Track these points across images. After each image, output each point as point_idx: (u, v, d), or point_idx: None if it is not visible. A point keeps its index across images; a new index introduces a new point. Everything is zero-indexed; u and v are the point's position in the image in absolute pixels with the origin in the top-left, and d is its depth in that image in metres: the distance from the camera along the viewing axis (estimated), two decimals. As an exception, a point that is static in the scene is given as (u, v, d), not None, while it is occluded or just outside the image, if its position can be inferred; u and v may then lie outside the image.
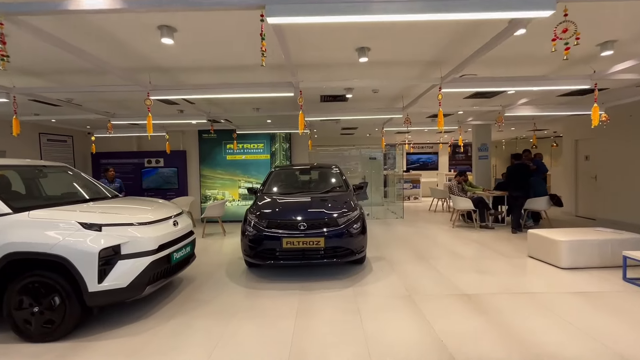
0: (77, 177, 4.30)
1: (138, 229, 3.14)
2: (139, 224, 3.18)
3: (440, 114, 3.62)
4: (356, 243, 4.19)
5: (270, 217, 4.12)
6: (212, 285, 4.08)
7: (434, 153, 15.56)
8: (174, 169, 8.79)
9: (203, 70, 3.53)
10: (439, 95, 3.53)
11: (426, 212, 10.02)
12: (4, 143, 6.76)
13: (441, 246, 5.77)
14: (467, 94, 5.31)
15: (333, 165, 5.80)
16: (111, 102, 5.29)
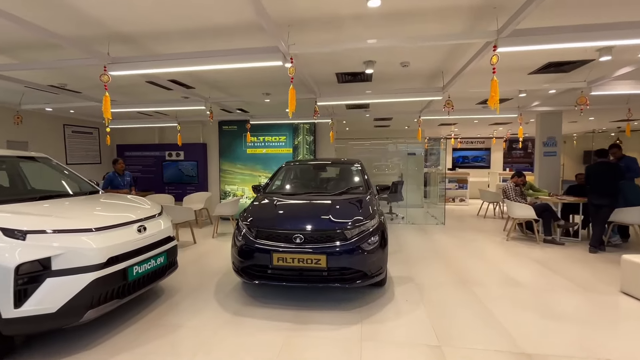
0: (56, 170, 3.86)
1: (79, 237, 2.48)
2: (82, 231, 2.52)
3: (495, 87, 2.44)
4: (371, 263, 3.18)
5: (260, 226, 3.28)
6: (191, 303, 3.36)
7: (486, 149, 13.63)
8: (193, 163, 8.39)
9: (172, 38, 2.77)
10: (493, 57, 2.36)
11: (473, 218, 8.53)
12: (28, 134, 6.79)
13: (491, 266, 4.49)
14: (534, 66, 3.93)
15: (355, 162, 4.80)
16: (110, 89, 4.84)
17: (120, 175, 5.80)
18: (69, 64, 2.89)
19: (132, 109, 4.76)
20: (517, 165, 13.34)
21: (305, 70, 4.06)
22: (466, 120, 8.40)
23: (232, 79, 4.31)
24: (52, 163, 3.85)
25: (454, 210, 9.95)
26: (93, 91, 4.95)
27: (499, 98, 2.43)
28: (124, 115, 7.35)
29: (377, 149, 10.17)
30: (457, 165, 13.34)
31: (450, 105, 4.05)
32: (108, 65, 2.81)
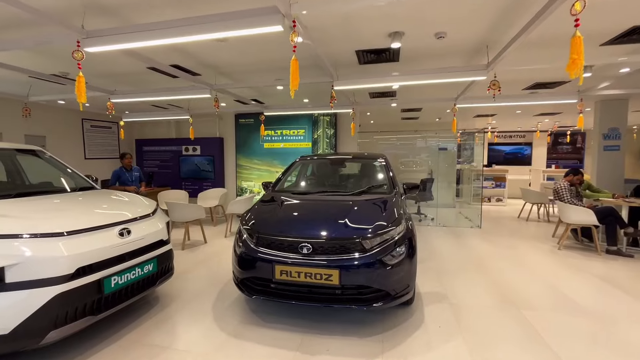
0: (50, 164, 3.56)
1: (41, 243, 2.08)
2: (47, 236, 2.12)
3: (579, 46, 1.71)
4: (396, 280, 2.58)
5: (261, 231, 2.76)
6: (185, 317, 2.93)
7: (527, 144, 12.35)
8: (209, 158, 8.09)
9: (155, 4, 2.31)
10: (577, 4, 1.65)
11: (514, 221, 7.57)
12: (46, 129, 6.75)
13: (542, 282, 3.71)
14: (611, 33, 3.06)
15: (379, 156, 4.17)
16: (111, 78, 4.53)
17: (128, 170, 5.45)
18: (40, 41, 2.52)
19: (134, 98, 4.44)
20: (563, 162, 11.97)
21: (320, 50, 3.48)
22: (509, 109, 7.41)
23: (238, 62, 3.82)
24: (45, 156, 3.56)
25: (489, 211, 8.99)
26: (98, 80, 4.68)
27: (583, 62, 1.74)
28: (137, 107, 7.15)
29: (405, 144, 9.38)
30: (494, 162, 12.19)
31: (497, 86, 3.31)
32: (82, 40, 2.40)
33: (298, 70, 2.05)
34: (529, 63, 3.39)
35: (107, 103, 4.50)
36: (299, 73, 4.24)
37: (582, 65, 1.76)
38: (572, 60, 1.79)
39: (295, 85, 2.05)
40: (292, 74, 2.02)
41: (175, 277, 3.92)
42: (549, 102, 4.70)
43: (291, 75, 2.03)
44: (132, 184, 5.29)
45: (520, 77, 4.66)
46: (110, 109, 4.49)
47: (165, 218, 3.25)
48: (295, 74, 2.03)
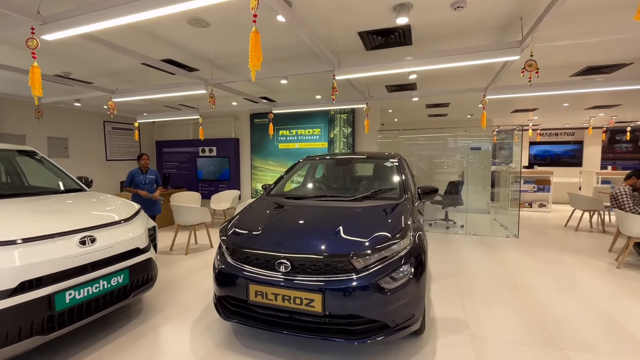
0: (41, 164, 3.46)
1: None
2: (-17, 245, 1.89)
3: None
4: (396, 309, 2.06)
5: (237, 242, 2.37)
6: (160, 335, 2.61)
7: (576, 142, 10.95)
8: (225, 159, 7.93)
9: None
10: None
11: (560, 230, 6.58)
12: (69, 131, 6.94)
13: (595, 311, 2.96)
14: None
15: (392, 157, 3.64)
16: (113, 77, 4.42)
17: (143, 172, 5.01)
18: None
19: (133, 97, 4.29)
20: (621, 163, 10.46)
21: (317, 33, 3.04)
22: (553, 102, 6.44)
23: (229, 52, 3.48)
24: (36, 157, 3.46)
25: (530, 217, 7.98)
26: (103, 80, 4.61)
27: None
28: (152, 108, 7.14)
29: (432, 144, 8.62)
30: (536, 163, 10.95)
31: (534, 67, 2.65)
32: (39, 26, 2.18)
33: (259, 45, 1.64)
34: (576, 38, 2.68)
35: (109, 102, 4.40)
36: (298, 62, 3.89)
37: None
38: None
39: (255, 65, 1.64)
40: (252, 49, 1.61)
41: (168, 285, 3.68)
42: (605, 90, 3.86)
43: (250, 51, 1.62)
44: (145, 187, 4.90)
45: (568, 60, 3.88)
46: (111, 108, 4.39)
47: (146, 224, 2.98)
48: (255, 49, 1.62)
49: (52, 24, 2.16)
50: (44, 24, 2.20)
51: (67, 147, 6.87)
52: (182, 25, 2.87)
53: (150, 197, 4.86)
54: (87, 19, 2.07)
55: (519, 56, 2.72)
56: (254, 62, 1.64)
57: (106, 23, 2.13)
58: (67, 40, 2.75)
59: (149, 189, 4.93)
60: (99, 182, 7.42)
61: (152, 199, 4.90)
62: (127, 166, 8.07)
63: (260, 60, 1.65)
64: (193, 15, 2.66)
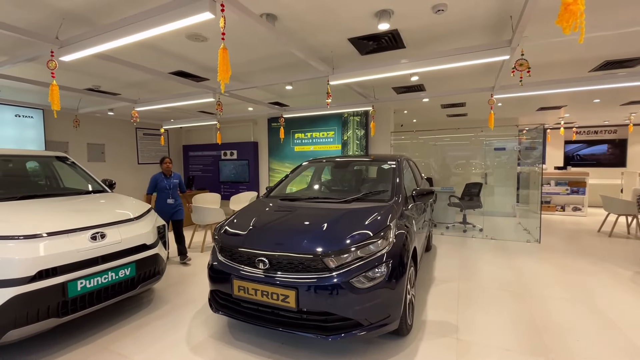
0: (72, 168, 3.90)
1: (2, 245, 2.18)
2: (8, 238, 2.22)
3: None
4: (369, 308, 2.12)
5: (225, 240, 2.56)
6: (161, 325, 2.86)
7: (620, 140, 10.06)
8: (244, 162, 8.28)
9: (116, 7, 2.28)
10: None
11: (592, 236, 6.12)
12: (105, 137, 7.64)
13: (604, 324, 2.78)
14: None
15: (392, 159, 3.67)
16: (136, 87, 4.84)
17: (167, 177, 4.69)
18: (20, 58, 2.73)
19: (153, 106, 4.68)
20: (673, 163, 9.45)
21: (310, 42, 3.16)
22: (582, 99, 6.02)
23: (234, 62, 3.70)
24: (67, 162, 3.91)
25: (563, 222, 7.48)
26: (128, 91, 5.07)
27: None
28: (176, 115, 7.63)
29: (451, 144, 8.37)
30: (572, 163, 10.21)
31: (526, 67, 2.55)
32: (57, 50, 2.52)
33: (227, 60, 1.79)
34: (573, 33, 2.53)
35: (132, 112, 4.85)
36: (296, 69, 4.02)
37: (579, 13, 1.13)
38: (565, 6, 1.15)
39: (224, 78, 1.79)
40: (221, 63, 1.77)
41: (180, 280, 3.97)
42: (623, 85, 3.58)
43: (219, 66, 1.78)
44: (170, 192, 4.65)
45: (583, 55, 3.65)
46: (134, 116, 4.82)
47: (155, 222, 3.26)
48: (223, 64, 1.77)
49: (68, 47, 2.49)
50: (61, 47, 2.54)
51: (103, 152, 7.57)
52: (183, 40, 3.12)
53: (178, 203, 4.69)
54: (98, 40, 2.36)
55: (508, 56, 2.64)
56: (222, 76, 1.80)
57: (114, 43, 2.41)
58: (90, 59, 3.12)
59: (174, 194, 4.70)
60: (131, 184, 8.08)
61: (176, 204, 4.69)
62: (156, 169, 8.69)
63: (228, 74, 1.81)
64: (190, 31, 2.90)
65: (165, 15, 1.95)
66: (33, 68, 3.90)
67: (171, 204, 4.63)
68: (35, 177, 3.76)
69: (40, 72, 4.06)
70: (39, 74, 4.10)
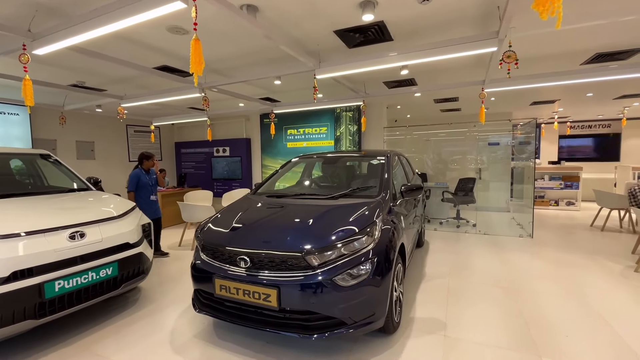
0: (55, 166, 3.82)
1: (-27, 246, 2.11)
2: (-20, 239, 2.15)
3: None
4: (352, 306, 2.08)
5: (206, 237, 2.50)
6: (145, 325, 2.81)
7: (612, 135, 10.07)
8: (237, 159, 8.20)
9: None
10: None
11: (584, 230, 6.13)
12: (95, 135, 7.52)
13: (593, 319, 2.76)
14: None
15: (380, 155, 3.61)
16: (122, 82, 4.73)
17: (148, 173, 4.64)
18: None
19: (139, 102, 4.59)
20: (666, 156, 9.48)
21: (294, 34, 3.08)
22: (575, 93, 5.99)
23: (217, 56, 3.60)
24: (51, 160, 3.82)
25: (557, 216, 7.49)
26: (114, 87, 4.96)
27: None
28: (165, 112, 7.52)
29: (446, 140, 8.34)
30: (565, 158, 10.22)
31: (513, 59, 2.49)
32: (29, 43, 2.44)
33: (200, 52, 1.72)
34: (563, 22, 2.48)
35: (118, 108, 4.75)
36: (280, 65, 3.94)
37: None
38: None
39: (197, 70, 1.73)
40: (193, 55, 1.70)
41: (169, 278, 3.91)
42: (614, 78, 3.54)
43: (191, 57, 1.71)
44: (151, 188, 4.63)
45: (576, 47, 3.60)
46: (121, 113, 4.73)
47: (139, 221, 3.20)
48: (196, 55, 1.71)
49: (41, 40, 2.41)
50: (34, 40, 2.45)
51: (93, 150, 7.46)
52: (164, 33, 3.04)
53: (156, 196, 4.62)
54: (71, 32, 2.27)
55: (496, 47, 2.58)
56: (195, 68, 1.74)
57: (88, 34, 2.33)
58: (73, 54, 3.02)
59: (154, 190, 4.68)
60: (122, 181, 7.98)
61: (154, 201, 4.62)
62: (148, 167, 8.58)
63: (201, 66, 1.74)
64: (169, 23, 2.81)
65: (137, 5, 1.88)
66: (11, 63, 3.79)
67: (154, 200, 4.58)
68: (18, 175, 3.67)
69: (20, 67, 3.95)
70: (18, 69, 3.99)
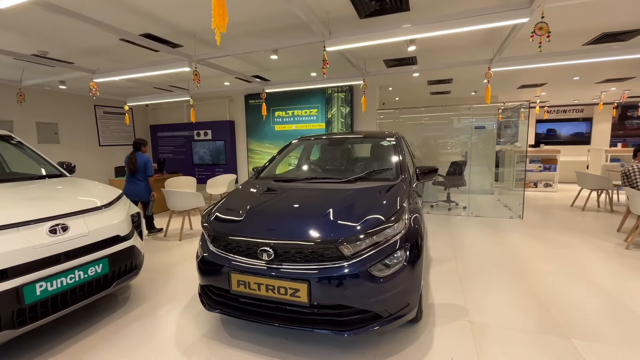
0: (18, 149, 3.29)
1: None
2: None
3: None
4: (389, 297, 1.91)
5: (217, 228, 2.21)
6: (144, 328, 2.50)
7: (585, 119, 10.56)
8: (220, 142, 7.73)
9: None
10: None
11: (566, 210, 6.38)
12: (58, 116, 6.73)
13: (603, 296, 2.80)
14: None
15: (389, 135, 3.42)
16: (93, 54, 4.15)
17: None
18: None
19: (115, 77, 4.05)
20: (632, 140, 10.10)
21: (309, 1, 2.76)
22: (563, 75, 6.07)
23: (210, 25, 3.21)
24: (12, 142, 3.29)
25: (536, 197, 7.77)
26: (84, 60, 4.36)
27: None
28: (141, 91, 6.89)
29: (434, 123, 8.32)
30: (543, 141, 10.61)
31: (546, 31, 2.36)
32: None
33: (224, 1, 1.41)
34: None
35: (90, 83, 4.18)
36: (287, 35, 3.60)
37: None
38: None
39: (220, 25, 1.41)
40: (215, 5, 1.37)
41: (159, 273, 3.57)
42: (624, 58, 3.56)
43: (213, 9, 1.39)
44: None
45: (581, 26, 3.54)
46: (93, 89, 4.17)
47: (128, 210, 2.82)
48: (219, 8, 1.38)
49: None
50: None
51: (57, 133, 6.69)
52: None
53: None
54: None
55: (528, 18, 2.43)
56: (218, 22, 1.41)
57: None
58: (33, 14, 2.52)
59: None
60: (93, 168, 7.29)
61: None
62: (120, 151, 7.90)
63: (225, 20, 1.42)
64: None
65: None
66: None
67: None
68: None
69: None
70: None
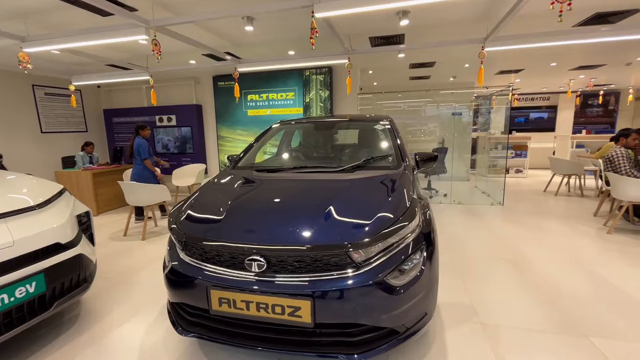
0: None
1: None
2: None
3: None
4: (407, 308, 1.58)
5: (190, 231, 1.75)
6: (93, 356, 2.01)
7: (550, 107, 10.95)
8: (187, 129, 7.01)
9: None
10: None
11: (539, 195, 6.51)
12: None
13: (607, 288, 2.71)
14: None
15: (382, 119, 3.07)
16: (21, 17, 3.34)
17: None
18: None
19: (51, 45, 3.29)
20: (592, 127, 10.65)
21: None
22: (541, 61, 6.03)
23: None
24: None
25: (509, 183, 7.90)
26: (7, 24, 3.51)
27: None
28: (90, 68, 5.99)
29: (414, 109, 8.16)
30: (513, 128, 10.90)
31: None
32: None
33: None
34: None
35: (19, 54, 3.38)
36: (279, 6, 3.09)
37: None
38: None
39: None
40: None
41: (118, 281, 3.03)
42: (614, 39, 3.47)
43: None
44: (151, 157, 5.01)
45: (579, 4, 3.37)
46: (24, 62, 3.39)
47: (72, 209, 2.26)
48: None
49: None
50: None
51: (-15, 117, 5.64)
52: None
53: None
54: None
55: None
56: None
57: None
58: None
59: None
60: (34, 158, 6.31)
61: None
62: (68, 139, 6.92)
63: None
64: None
65: None
66: None
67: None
68: None
69: None
70: None
